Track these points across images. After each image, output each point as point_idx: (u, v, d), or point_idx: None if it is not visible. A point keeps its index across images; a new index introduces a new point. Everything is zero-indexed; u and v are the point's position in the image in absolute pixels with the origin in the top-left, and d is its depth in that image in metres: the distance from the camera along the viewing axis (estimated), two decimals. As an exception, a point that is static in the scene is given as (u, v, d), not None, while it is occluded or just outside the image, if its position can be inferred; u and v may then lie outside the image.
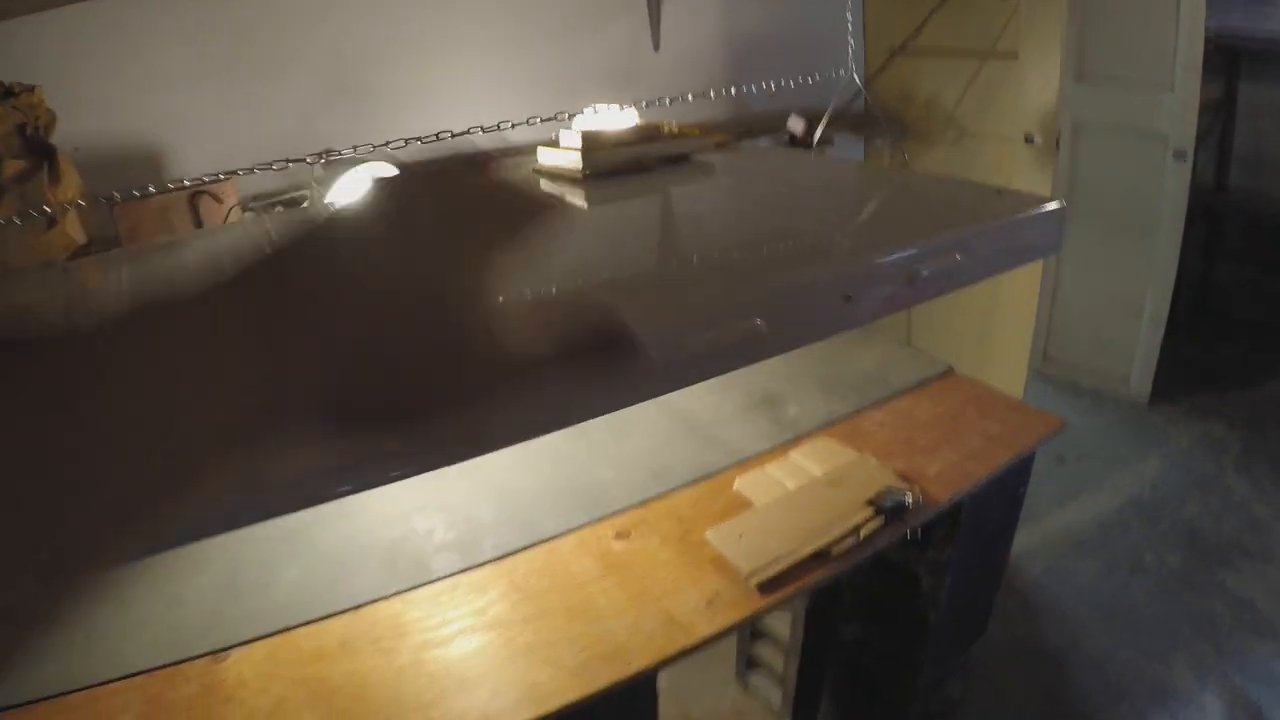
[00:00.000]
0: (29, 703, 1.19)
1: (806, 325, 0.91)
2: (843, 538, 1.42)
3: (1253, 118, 4.10)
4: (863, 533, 1.43)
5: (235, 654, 1.28)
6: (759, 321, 0.81)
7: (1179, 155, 3.29)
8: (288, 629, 1.33)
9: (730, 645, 2.49)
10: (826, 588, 2.04)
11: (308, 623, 1.35)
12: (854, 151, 3.22)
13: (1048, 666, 2.55)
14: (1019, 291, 3.08)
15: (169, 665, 1.26)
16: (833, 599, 2.03)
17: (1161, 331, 3.52)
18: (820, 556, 1.40)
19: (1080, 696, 2.44)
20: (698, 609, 1.31)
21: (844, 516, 1.45)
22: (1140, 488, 3.23)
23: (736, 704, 2.43)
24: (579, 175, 1.57)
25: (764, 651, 2.33)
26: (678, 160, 1.69)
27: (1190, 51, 3.11)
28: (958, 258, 1.03)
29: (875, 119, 2.99)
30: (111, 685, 1.22)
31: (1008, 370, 3.07)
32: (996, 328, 3.17)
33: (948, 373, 1.95)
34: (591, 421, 1.82)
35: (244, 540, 1.53)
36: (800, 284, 0.90)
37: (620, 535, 1.48)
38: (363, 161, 1.93)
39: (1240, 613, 2.66)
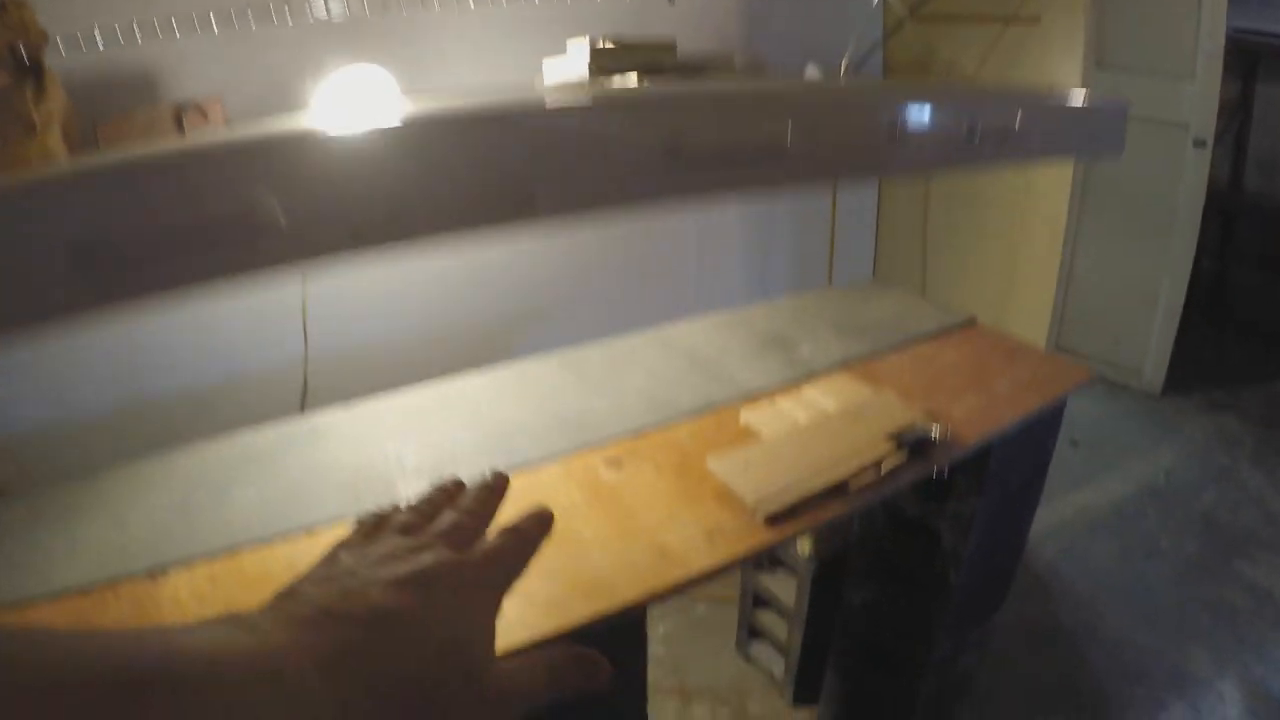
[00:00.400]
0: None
1: (845, 152, 0.70)
2: (861, 471, 1.19)
3: (1270, 119, 3.88)
4: (883, 467, 1.21)
5: (175, 573, 1.09)
6: (789, 126, 0.60)
7: (1199, 143, 3.10)
8: (234, 550, 1.14)
9: (731, 614, 2.27)
10: (836, 549, 1.82)
11: (257, 545, 1.15)
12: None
13: (1063, 648, 2.33)
14: (1036, 263, 2.87)
15: (104, 584, 1.07)
16: (842, 560, 1.81)
17: (1176, 323, 3.33)
18: (836, 491, 1.17)
19: (1096, 679, 2.23)
20: (695, 542, 1.10)
21: (862, 451, 1.23)
22: (1155, 476, 3.03)
23: (736, 675, 2.20)
24: (586, 79, 1.36)
25: (766, 619, 2.11)
26: (694, 70, 1.47)
27: (1212, 39, 2.93)
28: (1018, 119, 0.82)
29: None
30: (38, 603, 1.04)
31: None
32: (1015, 297, 2.96)
33: (970, 322, 1.73)
34: (586, 355, 1.63)
35: (201, 462, 1.34)
36: (841, 102, 0.69)
37: (611, 464, 1.27)
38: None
39: (1260, 604, 2.46)
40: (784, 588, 1.98)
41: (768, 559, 2.04)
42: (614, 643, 1.08)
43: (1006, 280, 3.02)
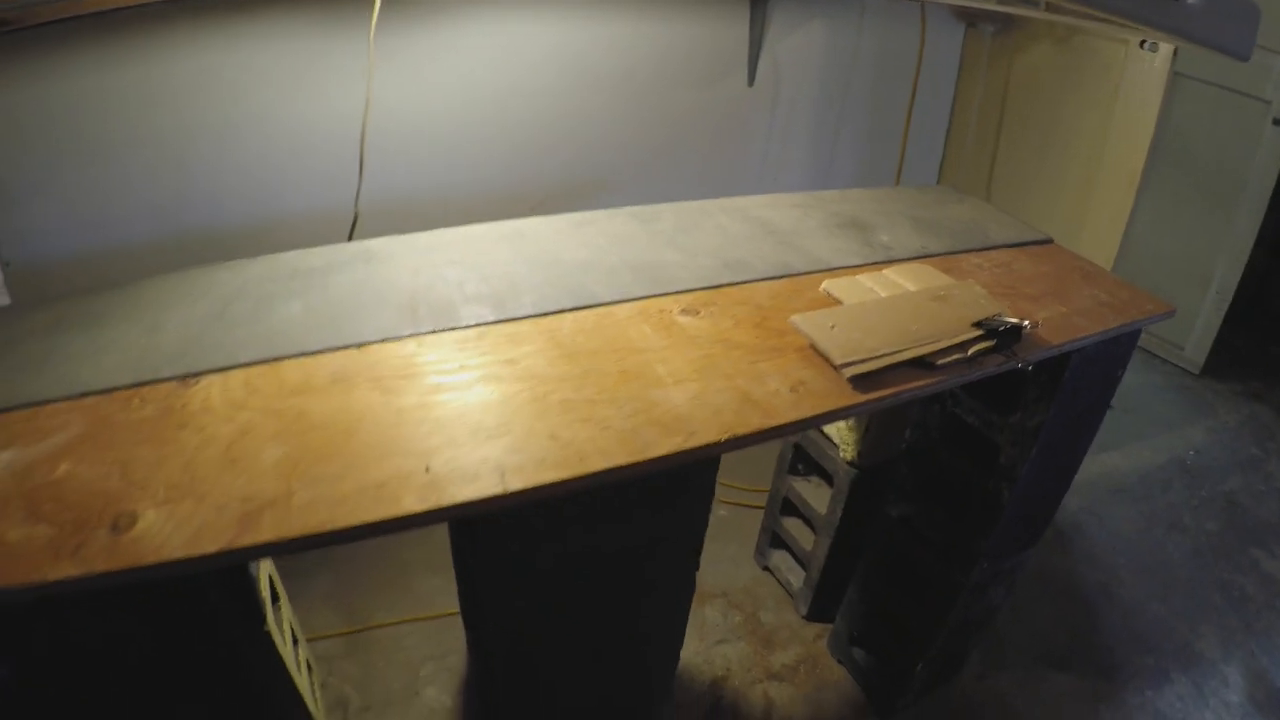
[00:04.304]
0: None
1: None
2: (948, 349, 1.17)
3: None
4: (970, 351, 1.19)
5: (207, 380, 1.06)
6: None
7: (1279, 122, 3.02)
8: (275, 360, 1.10)
9: (752, 521, 2.27)
10: (881, 458, 1.81)
11: (300, 356, 1.11)
12: (952, 34, 2.93)
13: (1078, 605, 2.36)
14: (1102, 221, 2.82)
15: (128, 387, 1.04)
16: (884, 470, 1.79)
17: (1227, 304, 3.30)
18: (921, 365, 1.15)
19: (1108, 643, 2.26)
20: (779, 393, 1.08)
21: (949, 331, 1.21)
22: (1184, 452, 3.04)
23: (752, 582, 2.20)
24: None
25: (792, 528, 2.10)
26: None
27: (1308, 14, 2.82)
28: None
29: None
30: (56, 404, 1.00)
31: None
32: (1077, 243, 2.92)
33: (1047, 240, 1.70)
34: (658, 212, 1.59)
35: (244, 276, 1.30)
36: None
37: (687, 311, 1.24)
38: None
39: (1273, 595, 2.50)
40: (817, 496, 1.98)
41: (803, 463, 2.03)
42: (685, 479, 1.07)
43: (1075, 224, 2.95)
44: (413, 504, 0.88)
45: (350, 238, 1.77)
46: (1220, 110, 3.08)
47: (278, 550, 0.84)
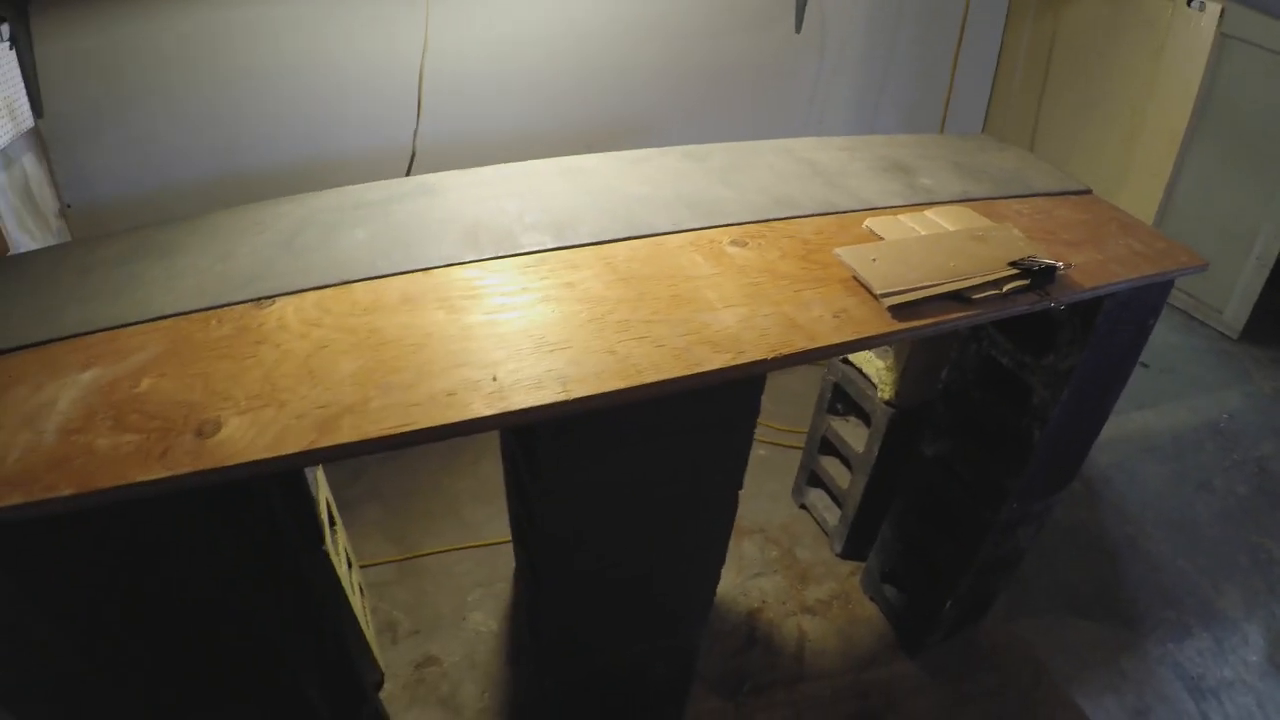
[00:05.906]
0: (39, 344, 1.06)
1: None
2: (983, 285, 1.24)
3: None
4: (1005, 288, 1.25)
5: (281, 301, 1.15)
6: None
7: (1331, 91, 2.99)
8: (344, 282, 1.19)
9: (790, 460, 2.36)
10: (918, 399, 1.88)
11: (369, 279, 1.20)
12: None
13: (1105, 558, 2.43)
14: (1146, 172, 2.84)
15: (204, 310, 1.13)
16: (921, 411, 1.87)
17: (1268, 269, 3.30)
18: (957, 299, 1.22)
19: (1131, 594, 2.33)
20: (822, 318, 1.16)
21: (985, 269, 1.27)
22: (1218, 415, 3.08)
23: (789, 520, 2.31)
24: None
25: (829, 467, 2.20)
26: None
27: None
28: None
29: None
30: (135, 327, 1.09)
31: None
32: (1117, 198, 2.95)
33: (1086, 190, 1.75)
34: (710, 151, 1.67)
35: (308, 208, 1.39)
36: None
37: (736, 243, 1.32)
38: None
39: (1298, 562, 2.51)
40: (854, 435, 2.06)
41: (842, 403, 2.12)
42: (733, 393, 1.16)
43: (1117, 178, 2.96)
44: (482, 409, 0.96)
45: (408, 174, 1.86)
46: (1270, 74, 3.06)
47: (357, 451, 0.91)
